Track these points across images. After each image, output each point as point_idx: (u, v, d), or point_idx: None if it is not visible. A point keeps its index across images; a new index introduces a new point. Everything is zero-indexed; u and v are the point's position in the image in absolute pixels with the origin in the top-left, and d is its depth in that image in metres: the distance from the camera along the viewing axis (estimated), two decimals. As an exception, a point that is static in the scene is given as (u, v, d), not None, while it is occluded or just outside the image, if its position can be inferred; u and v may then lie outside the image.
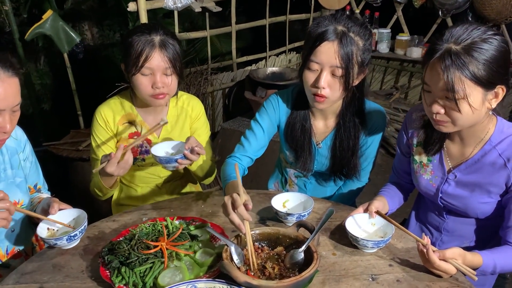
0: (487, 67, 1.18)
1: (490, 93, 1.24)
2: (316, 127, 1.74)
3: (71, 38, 3.37)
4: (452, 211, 1.53)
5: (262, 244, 1.31)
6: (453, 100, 1.21)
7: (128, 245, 1.26)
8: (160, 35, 1.60)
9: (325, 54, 1.45)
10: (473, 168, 1.41)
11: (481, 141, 1.38)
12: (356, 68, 1.49)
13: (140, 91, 1.63)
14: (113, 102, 1.78)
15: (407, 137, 1.58)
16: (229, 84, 3.97)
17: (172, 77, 1.64)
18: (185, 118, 1.84)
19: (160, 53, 1.59)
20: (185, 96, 1.86)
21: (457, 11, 3.91)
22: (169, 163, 1.56)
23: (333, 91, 1.51)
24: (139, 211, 1.60)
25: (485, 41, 1.19)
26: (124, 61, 1.64)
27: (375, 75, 4.76)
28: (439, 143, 1.47)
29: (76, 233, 1.34)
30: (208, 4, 3.27)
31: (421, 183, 1.54)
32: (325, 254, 1.33)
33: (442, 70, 1.20)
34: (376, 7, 4.36)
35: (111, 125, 1.75)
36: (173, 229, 1.38)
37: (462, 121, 1.26)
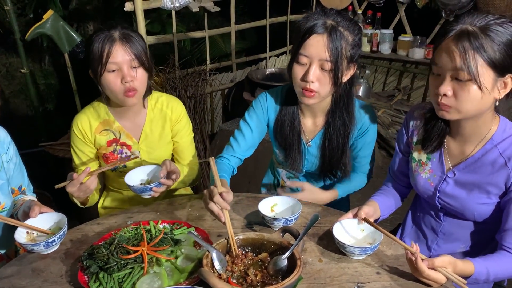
0: (502, 49, 1.17)
1: (500, 80, 1.22)
2: (306, 125, 1.71)
3: (72, 38, 3.36)
4: (449, 213, 1.49)
5: (246, 250, 1.28)
6: (464, 80, 1.19)
7: (108, 250, 1.23)
8: (119, 30, 1.58)
9: (314, 47, 1.45)
10: (473, 167, 1.37)
11: (482, 140, 1.35)
12: (345, 63, 1.49)
13: (110, 89, 1.59)
14: (88, 110, 1.75)
15: (407, 135, 1.55)
16: (228, 84, 3.94)
17: (139, 70, 1.60)
18: (165, 120, 1.80)
19: (121, 46, 1.56)
20: (163, 97, 1.81)
21: (460, 12, 3.85)
22: (144, 192, 1.54)
23: (322, 86, 1.49)
24: (125, 214, 1.57)
25: (500, 25, 1.19)
26: (89, 66, 1.60)
27: (377, 76, 4.71)
28: (438, 140, 1.44)
29: (54, 239, 1.31)
30: (206, 4, 3.24)
31: (418, 183, 1.51)
32: (311, 261, 1.30)
33: (456, 49, 1.19)
34: (378, 8, 4.30)
35: (88, 135, 1.73)
36: (156, 233, 1.35)
37: (468, 105, 1.23)
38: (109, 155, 1.75)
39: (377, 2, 4.32)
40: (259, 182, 2.12)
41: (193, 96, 3.24)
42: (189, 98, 3.23)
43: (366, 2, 4.41)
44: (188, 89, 3.22)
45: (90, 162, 1.77)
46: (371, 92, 4.42)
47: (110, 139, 1.74)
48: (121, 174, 1.77)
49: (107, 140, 1.73)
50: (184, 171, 1.80)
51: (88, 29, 5.71)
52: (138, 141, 1.77)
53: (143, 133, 1.77)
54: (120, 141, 1.74)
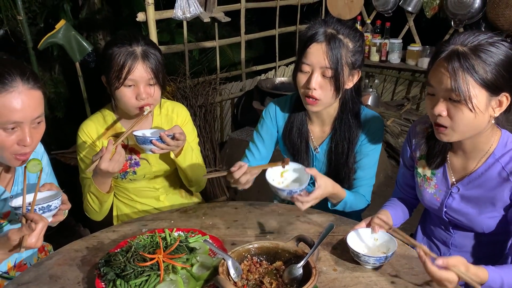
0: (493, 69, 1.17)
1: (494, 99, 1.22)
2: (313, 132, 1.74)
3: (83, 47, 3.40)
4: (458, 226, 1.48)
5: (260, 259, 1.28)
6: (457, 101, 1.20)
7: (124, 257, 1.24)
8: (142, 45, 1.58)
9: (315, 55, 1.50)
10: (477, 182, 1.37)
11: (484, 155, 1.35)
12: (346, 70, 1.53)
13: (124, 103, 1.61)
14: (95, 117, 1.75)
15: (410, 150, 1.55)
16: (238, 94, 3.97)
17: (155, 87, 1.62)
18: (171, 125, 1.79)
19: (143, 65, 1.57)
20: (168, 103, 1.84)
21: (469, 22, 3.86)
22: (144, 144, 1.55)
23: (324, 92, 1.53)
24: (139, 222, 1.59)
25: (492, 45, 1.19)
26: (105, 74, 1.61)
27: (386, 86, 4.71)
28: (441, 156, 1.44)
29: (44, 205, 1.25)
30: (217, 15, 3.28)
31: (425, 197, 1.51)
32: (326, 270, 1.30)
33: (448, 70, 1.19)
34: (387, 17, 4.32)
35: (96, 141, 1.73)
36: (171, 241, 1.36)
37: (463, 126, 1.24)
38: None
39: (386, 12, 4.34)
40: (269, 191, 2.12)
41: (204, 105, 3.27)
42: (199, 107, 3.25)
43: (375, 12, 4.43)
44: (199, 98, 3.25)
45: None
46: (380, 101, 4.42)
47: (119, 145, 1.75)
48: (132, 182, 1.79)
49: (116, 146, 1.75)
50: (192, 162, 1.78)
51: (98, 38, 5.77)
52: None
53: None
54: (129, 147, 1.75)
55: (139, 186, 1.82)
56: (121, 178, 1.77)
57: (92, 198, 1.66)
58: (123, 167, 1.75)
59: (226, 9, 3.55)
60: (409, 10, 4.17)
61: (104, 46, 1.64)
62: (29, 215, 1.20)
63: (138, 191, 1.84)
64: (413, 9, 4.16)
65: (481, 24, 3.90)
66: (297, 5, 4.27)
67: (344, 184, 1.70)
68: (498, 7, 3.64)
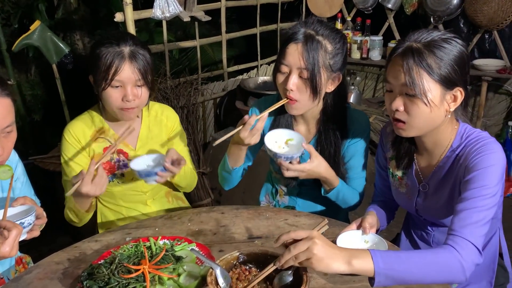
0: (446, 64, 1.21)
1: (448, 93, 1.24)
2: (299, 132, 1.69)
3: (60, 48, 3.31)
4: (435, 223, 1.50)
5: (249, 266, 1.25)
6: (413, 96, 1.22)
7: (108, 269, 1.20)
8: (130, 45, 1.54)
9: (292, 55, 1.47)
10: (440, 177, 1.39)
11: (445, 150, 1.36)
12: (324, 72, 1.49)
13: (110, 104, 1.57)
14: (82, 118, 1.70)
15: (383, 151, 1.56)
16: (220, 93, 3.92)
17: (142, 89, 1.58)
18: (161, 127, 1.78)
19: (130, 65, 1.53)
20: (157, 106, 1.80)
21: (448, 18, 3.90)
22: (149, 176, 1.51)
23: (301, 94, 1.50)
24: (123, 230, 1.54)
25: (445, 41, 1.22)
26: (92, 74, 1.57)
27: (367, 83, 4.73)
28: (408, 157, 1.46)
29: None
30: (197, 13, 3.23)
31: (398, 196, 1.53)
32: (316, 275, 1.27)
33: (402, 66, 1.22)
34: (367, 15, 4.33)
35: (83, 143, 1.67)
36: (156, 250, 1.32)
37: (420, 120, 1.26)
38: (106, 165, 1.70)
39: (366, 9, 4.35)
40: (254, 191, 2.10)
41: (186, 106, 3.21)
42: (181, 108, 3.20)
43: (355, 9, 4.44)
44: (180, 99, 3.19)
45: None
46: (362, 98, 4.43)
47: (107, 146, 1.70)
48: (119, 185, 1.74)
49: (103, 147, 1.69)
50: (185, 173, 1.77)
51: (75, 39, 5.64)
52: (135, 148, 1.73)
53: (139, 140, 1.74)
54: (117, 148, 1.70)
55: (126, 189, 1.76)
56: (108, 181, 1.71)
57: (71, 213, 1.60)
58: (111, 169, 1.70)
59: (206, 7, 3.49)
60: (389, 7, 4.19)
61: (92, 46, 1.59)
62: (1, 223, 1.14)
63: (125, 195, 1.78)
64: (393, 6, 4.18)
65: (459, 21, 3.95)
66: (278, 3, 4.24)
67: None
68: (476, 3, 3.68)
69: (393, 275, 1.07)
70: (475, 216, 1.18)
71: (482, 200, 1.19)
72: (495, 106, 3.99)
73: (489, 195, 1.20)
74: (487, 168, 1.22)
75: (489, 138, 1.29)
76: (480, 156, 1.24)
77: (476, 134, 1.32)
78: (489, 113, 4.00)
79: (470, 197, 1.20)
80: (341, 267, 1.06)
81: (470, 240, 1.15)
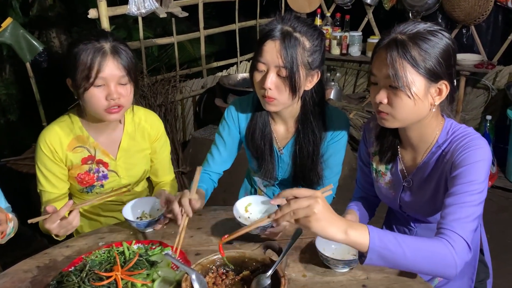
0: (431, 57, 1.19)
1: (433, 87, 1.23)
2: (277, 133, 1.67)
3: (34, 46, 3.21)
4: (418, 219, 1.49)
5: (226, 269, 1.22)
6: (396, 88, 1.20)
7: (78, 277, 1.14)
8: (110, 41, 1.46)
9: (269, 53, 1.42)
10: (424, 173, 1.37)
11: (430, 145, 1.35)
12: (303, 70, 1.45)
13: (93, 105, 1.47)
14: (58, 125, 1.57)
15: (366, 146, 1.55)
16: (199, 91, 3.86)
17: (128, 87, 1.49)
18: (143, 135, 1.70)
19: (113, 61, 1.44)
20: (141, 111, 1.71)
21: (427, 13, 3.91)
22: (149, 226, 1.44)
23: (280, 93, 1.46)
24: (95, 235, 1.48)
25: (431, 33, 1.21)
26: (71, 76, 1.47)
27: (347, 79, 4.73)
28: (391, 151, 1.44)
29: None
30: (174, 10, 3.16)
31: (381, 192, 1.51)
32: (295, 276, 1.25)
33: (387, 58, 1.20)
34: (347, 10, 4.32)
35: (59, 153, 1.56)
36: (130, 255, 1.27)
37: (403, 113, 1.24)
38: (84, 176, 1.61)
39: (345, 4, 4.34)
40: (235, 190, 2.07)
41: (163, 104, 3.15)
42: (159, 106, 3.14)
43: (334, 5, 4.43)
44: (158, 97, 3.13)
45: (61, 184, 1.61)
46: (342, 94, 4.43)
47: (85, 157, 1.60)
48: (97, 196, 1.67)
49: (82, 157, 1.59)
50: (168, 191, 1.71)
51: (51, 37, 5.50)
52: (115, 158, 1.64)
53: (120, 149, 1.65)
54: (96, 158, 1.61)
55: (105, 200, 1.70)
56: (86, 192, 1.64)
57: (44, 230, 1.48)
58: (90, 181, 1.61)
59: (183, 3, 3.43)
60: (368, 2, 4.18)
61: (68, 45, 1.48)
62: None
63: (104, 205, 1.71)
64: (372, 1, 4.17)
65: (437, 15, 3.97)
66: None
67: (313, 185, 1.66)
68: (453, -2, 3.71)
69: (386, 255, 1.05)
70: (464, 211, 1.16)
71: (470, 196, 1.18)
72: (473, 100, 4.03)
73: (477, 191, 1.19)
74: (474, 163, 1.21)
75: (475, 134, 1.28)
76: (467, 151, 1.23)
77: (462, 130, 1.31)
78: (468, 107, 4.04)
79: (458, 192, 1.19)
80: (337, 235, 1.04)
81: (461, 235, 1.13)
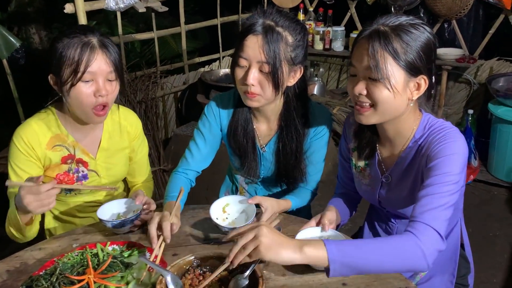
0: (412, 50, 1.18)
1: (412, 81, 1.22)
2: (260, 130, 1.64)
3: (10, 43, 3.11)
4: (398, 215, 1.48)
5: (204, 270, 1.19)
6: (376, 79, 1.19)
7: (48, 281, 1.10)
8: (97, 35, 1.42)
9: (251, 48, 1.39)
10: (402, 168, 1.36)
11: (407, 140, 1.34)
12: (286, 66, 1.42)
13: (80, 102, 1.41)
14: (35, 123, 1.50)
15: (346, 142, 1.53)
16: (181, 87, 3.81)
17: (114, 84, 1.46)
18: (122, 134, 1.65)
19: (102, 55, 1.40)
20: (120, 110, 1.67)
21: (409, 8, 3.92)
22: (124, 226, 1.40)
23: (263, 89, 1.43)
24: (70, 236, 1.43)
25: (413, 26, 1.20)
26: (54, 71, 1.41)
27: (331, 74, 4.72)
28: (370, 147, 1.43)
29: None
30: (153, 4, 3.11)
31: (361, 188, 1.50)
32: (274, 276, 1.22)
33: (367, 49, 1.18)
34: (329, 5, 4.30)
35: (37, 152, 1.49)
36: (104, 257, 1.23)
37: (382, 106, 1.22)
38: (64, 177, 1.55)
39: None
40: (217, 188, 2.04)
41: (144, 101, 3.10)
42: (139, 103, 3.08)
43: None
44: (138, 94, 3.07)
45: None
46: (325, 90, 4.42)
47: (65, 155, 1.54)
48: (75, 197, 1.62)
49: (61, 156, 1.53)
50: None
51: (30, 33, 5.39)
52: (95, 157, 1.60)
53: (100, 148, 1.60)
54: (76, 157, 1.55)
55: (82, 200, 1.65)
56: (65, 193, 1.59)
57: (13, 227, 1.42)
58: (69, 182, 1.56)
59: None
60: (350, -4, 4.18)
61: (52, 40, 1.43)
62: None
63: (81, 206, 1.66)
64: (354, -4, 4.17)
65: (419, 10, 3.99)
66: (239, -6, 4.16)
67: (296, 182, 1.65)
68: (435, -7, 3.72)
69: (349, 262, 1.03)
70: (436, 201, 1.14)
71: (444, 186, 1.16)
72: (455, 94, 4.05)
73: (452, 182, 1.17)
74: (449, 156, 1.20)
75: (452, 128, 1.27)
76: (442, 144, 1.22)
77: (439, 124, 1.30)
78: (450, 102, 4.06)
79: (432, 183, 1.18)
80: (293, 256, 1.01)
81: (430, 225, 1.11)
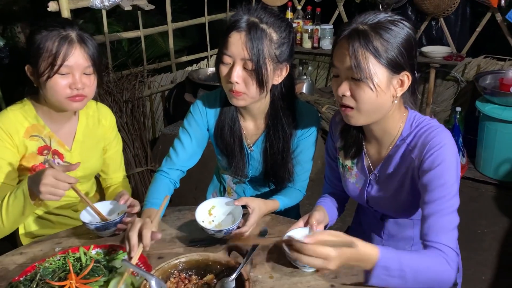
0: (392, 47, 1.17)
1: (395, 78, 1.21)
2: (247, 129, 1.62)
3: (-7, 42, 3.08)
4: (386, 214, 1.47)
5: (189, 273, 1.16)
6: (359, 80, 1.17)
7: (28, 287, 1.07)
8: (76, 30, 1.43)
9: (235, 45, 1.36)
10: (389, 166, 1.35)
11: (394, 138, 1.33)
12: (270, 63, 1.40)
13: (55, 93, 1.42)
14: (13, 112, 1.51)
15: (333, 140, 1.52)
16: (168, 86, 3.77)
17: (91, 77, 1.46)
18: (98, 126, 1.66)
19: (80, 50, 1.41)
20: (94, 104, 1.68)
21: (397, 5, 3.93)
22: (108, 229, 1.36)
23: (247, 87, 1.40)
24: (52, 240, 1.40)
25: (392, 23, 1.19)
26: (32, 62, 1.42)
27: (319, 72, 4.71)
28: (356, 146, 1.42)
29: None
30: (139, 2, 3.06)
31: (348, 187, 1.48)
32: (262, 278, 1.20)
33: (348, 49, 1.17)
34: (318, 3, 4.28)
35: (15, 139, 1.48)
36: (87, 261, 1.20)
37: (366, 105, 1.21)
38: (39, 167, 1.52)
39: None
40: (206, 187, 2.01)
41: (130, 100, 3.05)
42: (125, 103, 3.03)
43: (305, -3, 4.39)
44: (124, 93, 3.03)
45: (12, 174, 1.49)
46: (314, 88, 4.41)
47: (42, 146, 1.53)
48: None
49: (38, 146, 1.53)
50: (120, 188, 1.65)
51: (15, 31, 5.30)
52: (71, 148, 1.59)
53: (76, 140, 1.60)
54: (52, 148, 1.55)
55: None
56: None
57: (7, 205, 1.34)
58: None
59: (150, -4, 3.33)
60: (339, -5, 4.17)
61: (31, 32, 1.44)
62: None
63: (55, 201, 1.61)
64: (342, -6, 4.16)
65: (407, 8, 4.00)
66: (227, -8, 4.13)
67: (284, 181, 1.63)
68: (422, -10, 3.72)
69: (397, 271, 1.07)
70: (445, 220, 1.17)
71: (446, 202, 1.18)
72: (443, 92, 4.07)
73: (451, 195, 1.19)
74: (442, 164, 1.20)
75: (439, 127, 1.26)
76: (432, 151, 1.22)
77: (426, 122, 1.29)
78: (438, 99, 4.07)
79: (433, 199, 1.19)
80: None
81: (451, 246, 1.14)
